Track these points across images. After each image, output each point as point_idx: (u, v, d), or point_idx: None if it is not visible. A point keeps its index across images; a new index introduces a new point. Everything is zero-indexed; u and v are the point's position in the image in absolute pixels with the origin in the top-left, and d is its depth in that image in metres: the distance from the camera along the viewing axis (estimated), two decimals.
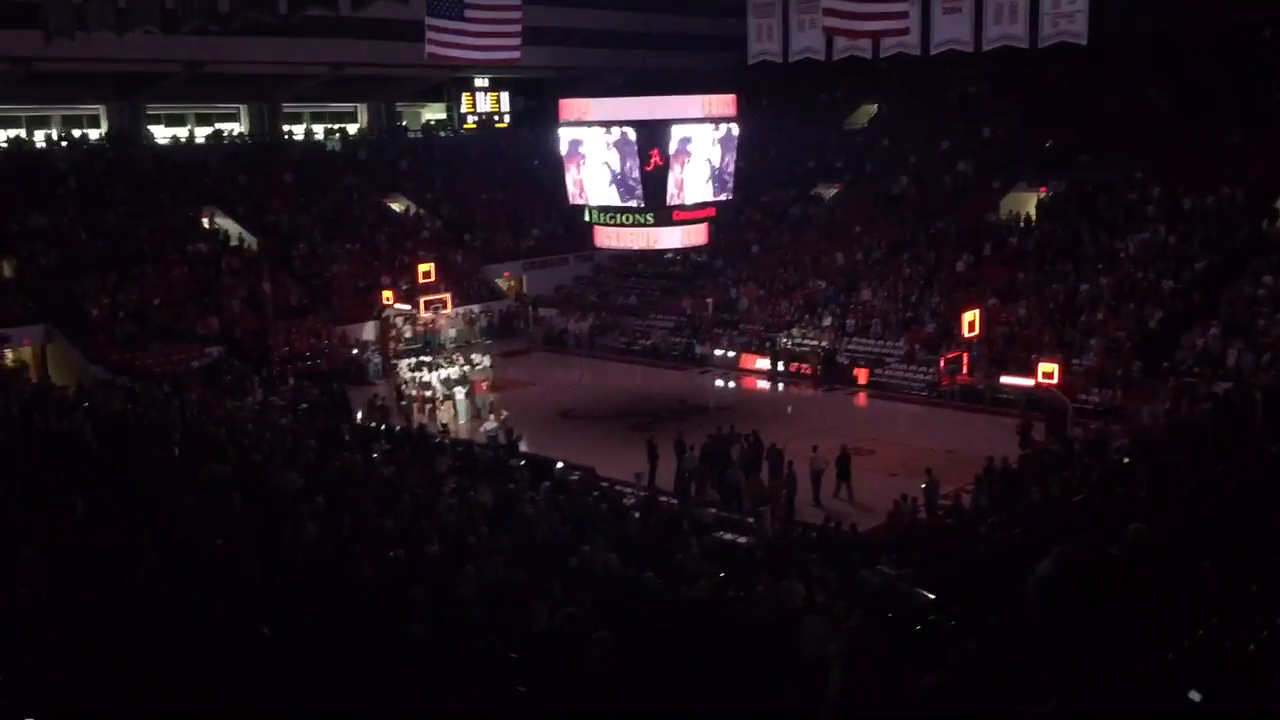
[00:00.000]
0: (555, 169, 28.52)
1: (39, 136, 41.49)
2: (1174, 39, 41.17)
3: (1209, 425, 17.16)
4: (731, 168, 26.85)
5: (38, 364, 31.02)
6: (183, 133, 45.44)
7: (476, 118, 53.34)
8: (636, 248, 28.26)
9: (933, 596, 11.04)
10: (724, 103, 26.66)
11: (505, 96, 54.17)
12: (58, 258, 34.15)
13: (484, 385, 30.38)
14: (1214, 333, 29.08)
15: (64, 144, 41.27)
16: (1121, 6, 31.81)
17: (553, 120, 28.02)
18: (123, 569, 7.90)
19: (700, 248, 32.61)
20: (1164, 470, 13.32)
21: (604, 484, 20.68)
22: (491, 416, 27.05)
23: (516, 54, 19.88)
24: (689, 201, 26.14)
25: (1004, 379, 28.97)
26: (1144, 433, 19.93)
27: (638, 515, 17.12)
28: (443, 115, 54.22)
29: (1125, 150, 38.79)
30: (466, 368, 30.77)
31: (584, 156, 26.25)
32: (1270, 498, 9.56)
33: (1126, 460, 16.44)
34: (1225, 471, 11.46)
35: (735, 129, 26.65)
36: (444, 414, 29.52)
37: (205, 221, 39.91)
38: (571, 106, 26.99)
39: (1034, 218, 38.48)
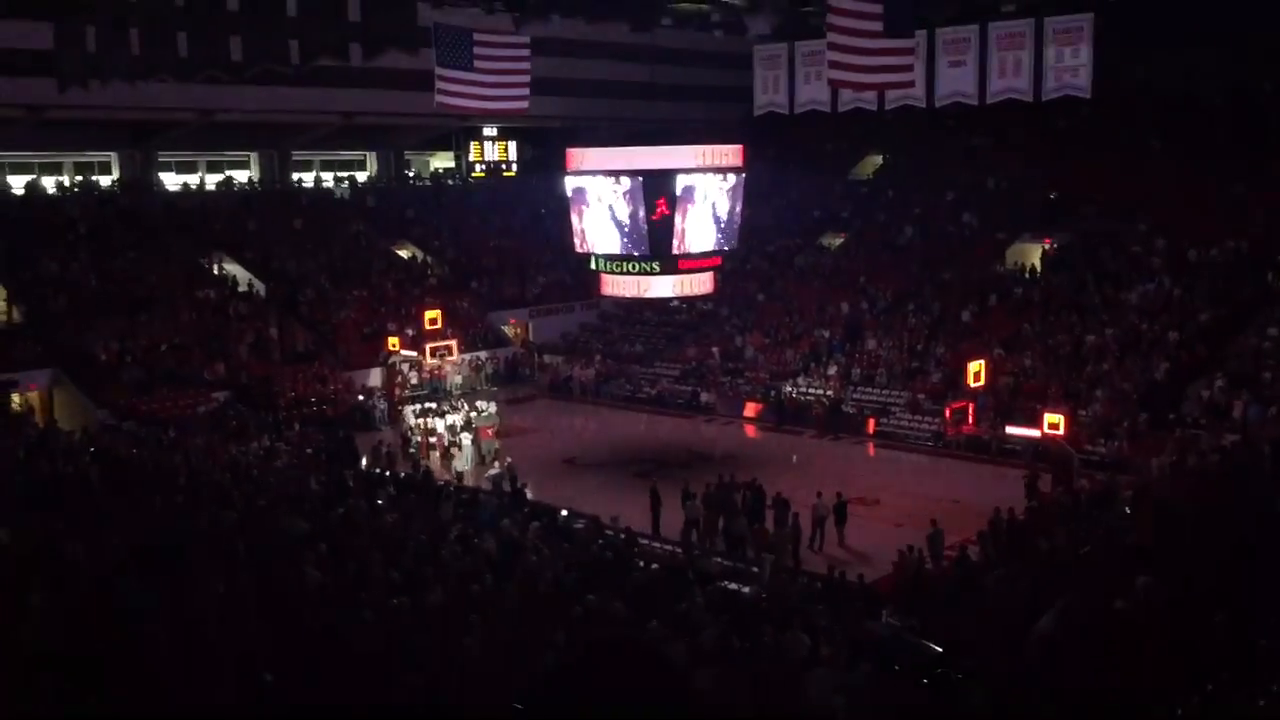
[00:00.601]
0: (562, 217, 28.70)
1: (50, 183, 41.86)
2: (1178, 91, 41.53)
3: (1216, 478, 17.11)
4: (738, 217, 27.00)
5: (44, 408, 31.06)
6: (193, 179, 45.82)
7: (484, 166, 53.79)
8: (642, 296, 28.35)
9: (940, 648, 10.96)
10: (730, 153, 26.85)
11: (513, 145, 54.65)
12: (67, 302, 34.34)
13: (489, 431, 30.36)
14: (1220, 385, 29.04)
15: (75, 190, 41.63)
16: (1125, 59, 32.16)
17: (560, 169, 28.26)
18: (128, 613, 7.88)
19: (706, 296, 32.72)
20: (1171, 523, 13.27)
21: (609, 532, 20.62)
22: (496, 463, 27.00)
23: (524, 104, 20.14)
24: (695, 250, 26.26)
25: (1009, 429, 28.91)
26: (1150, 485, 19.86)
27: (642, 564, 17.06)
28: (451, 163, 54.65)
29: (1130, 202, 39.02)
30: (472, 414, 30.75)
31: (590, 205, 26.42)
32: (1278, 551, 9.51)
33: (1133, 512, 16.37)
34: (1233, 524, 11.40)
35: (741, 179, 26.83)
36: (449, 460, 29.49)
37: (213, 267, 40.15)
38: (578, 156, 27.19)
39: (1039, 269, 38.61)
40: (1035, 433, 26.80)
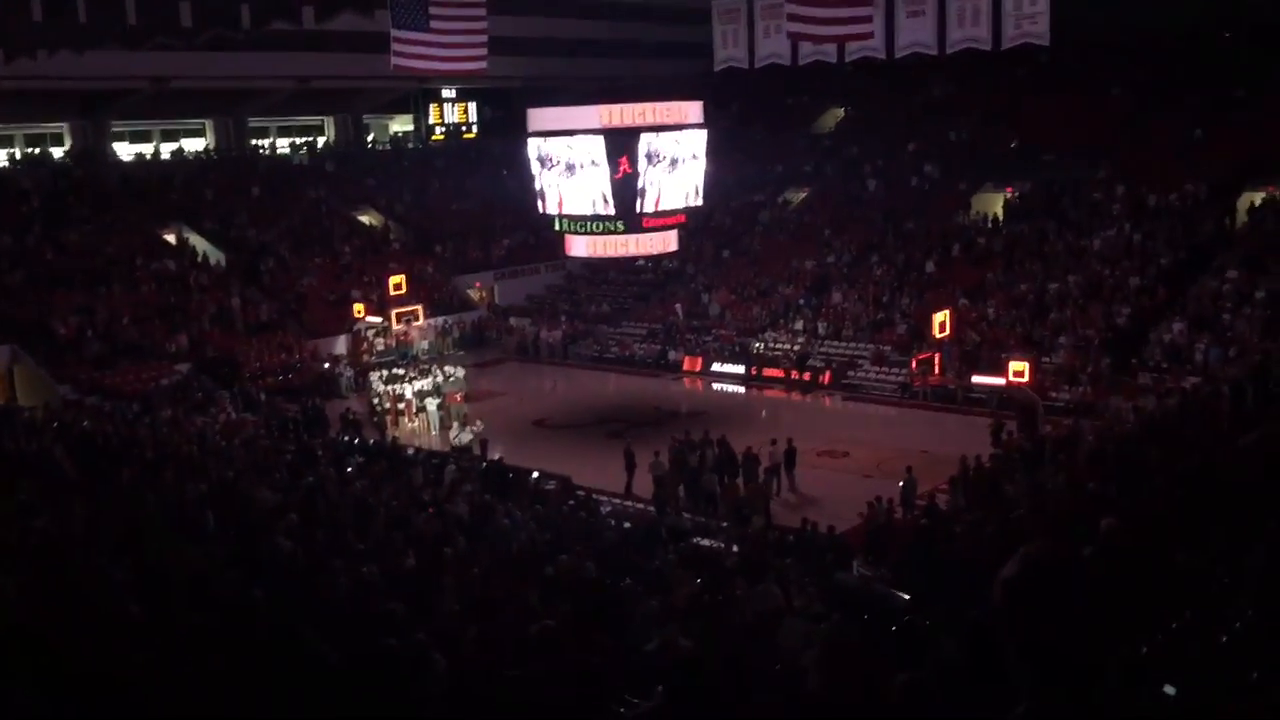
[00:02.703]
0: (524, 178, 28.52)
1: (1, 155, 41.09)
2: (1135, 38, 41.64)
3: (1177, 420, 17.35)
4: (701, 174, 26.92)
5: (4, 385, 30.64)
6: (148, 149, 45.10)
7: (444, 129, 53.24)
8: (608, 255, 28.29)
9: (908, 597, 11.10)
10: (691, 109, 26.72)
11: (473, 107, 54.08)
12: (23, 277, 33.81)
13: (458, 396, 30.29)
14: (1180, 328, 29.41)
15: (27, 162, 40.89)
16: (1083, 7, 32.14)
17: (521, 130, 28.02)
18: (96, 590, 7.84)
19: (671, 254, 32.68)
20: (1134, 465, 13.46)
21: (580, 492, 20.69)
22: (466, 427, 26.97)
23: (483, 64, 19.89)
24: (659, 208, 26.17)
25: (975, 378, 29.19)
26: (1113, 429, 20.12)
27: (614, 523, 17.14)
28: (410, 127, 54.09)
29: (1090, 149, 39.22)
30: (439, 379, 30.65)
31: (552, 165, 26.23)
32: (1239, 491, 9.67)
33: (1097, 456, 16.58)
34: (1194, 465, 11.58)
35: (704, 135, 26.73)
36: (417, 426, 29.43)
37: (172, 238, 39.63)
38: (539, 116, 26.98)
39: (1001, 218, 38.81)
40: (1001, 381, 27.07)
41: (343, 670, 6.74)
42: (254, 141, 47.91)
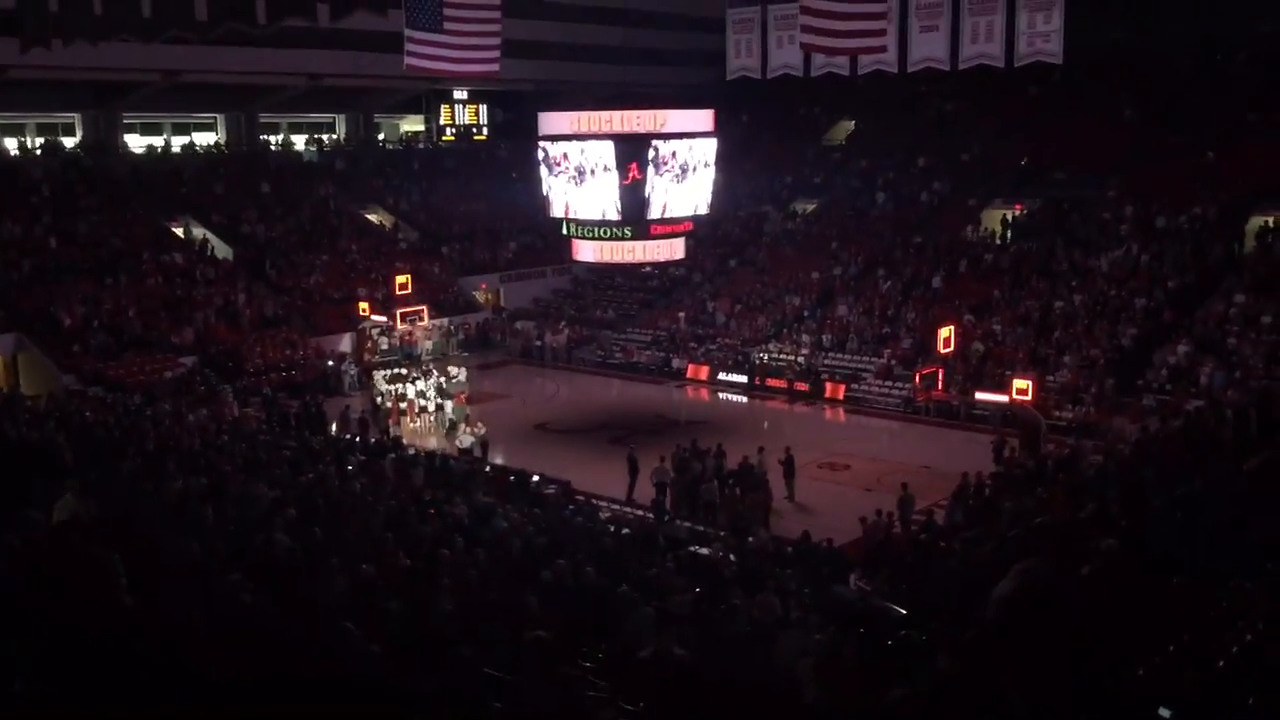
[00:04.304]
0: (534, 182, 28.54)
1: (12, 144, 41.18)
2: (1148, 59, 41.68)
3: (1180, 443, 17.28)
4: (710, 182, 26.93)
5: (8, 374, 30.69)
6: (159, 142, 45.20)
7: (455, 130, 53.33)
8: (614, 261, 28.30)
9: (905, 612, 11.07)
10: (703, 118, 26.74)
11: (484, 109, 54.18)
12: (30, 267, 33.87)
13: (461, 397, 30.29)
14: (1185, 350, 29.35)
15: (38, 152, 40.99)
16: (1096, 26, 32.21)
17: (531, 133, 28.04)
18: (94, 580, 7.83)
19: (678, 262, 32.69)
20: (1135, 487, 13.41)
21: (579, 497, 20.67)
22: (467, 429, 26.96)
23: (495, 67, 19.94)
24: (667, 216, 26.18)
25: (979, 395, 29.13)
26: (1116, 450, 20.06)
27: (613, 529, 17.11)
28: (421, 127, 54.18)
29: (1099, 168, 39.20)
30: (443, 380, 30.65)
31: (562, 169, 26.25)
32: (1239, 516, 9.64)
33: (1098, 477, 16.53)
34: (1196, 489, 11.54)
35: (714, 144, 26.75)
36: (419, 426, 29.41)
37: (180, 231, 39.71)
38: (550, 120, 27.00)
39: (1009, 235, 38.78)
40: (1004, 398, 27.01)
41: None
42: (264, 137, 48.00)
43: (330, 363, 34.88)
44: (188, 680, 6.22)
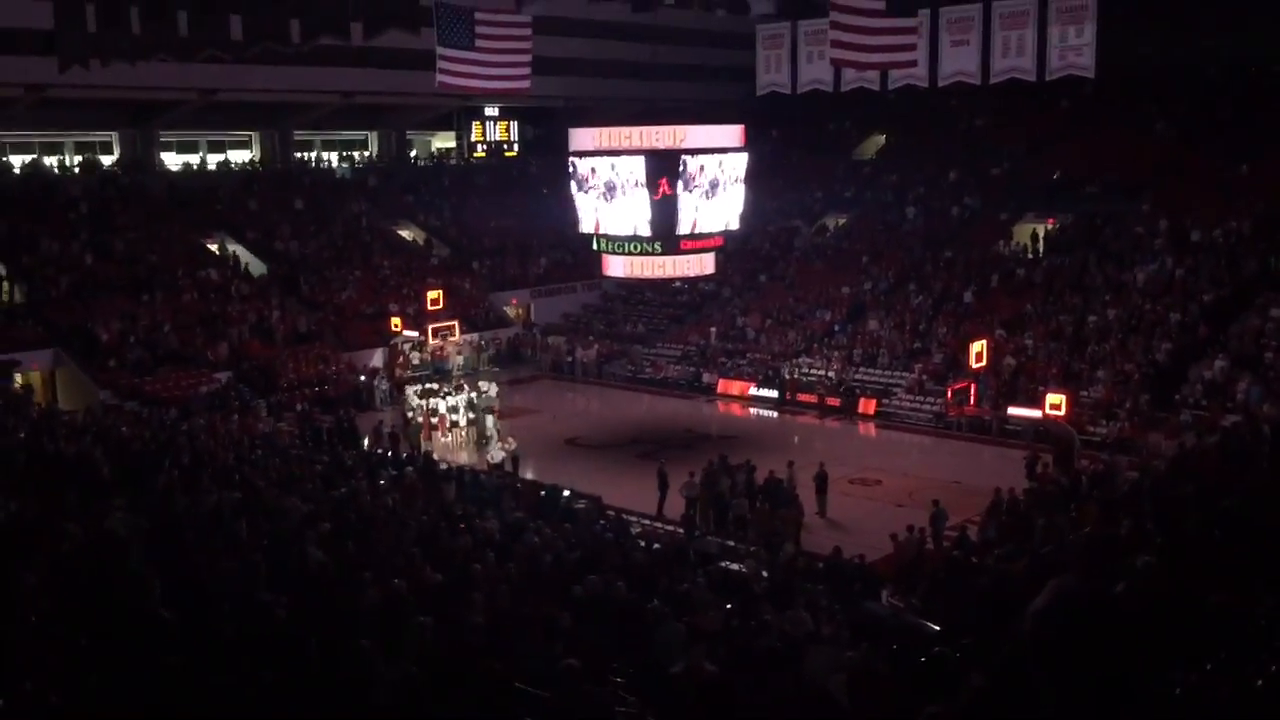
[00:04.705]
0: (564, 197, 28.68)
1: (51, 162, 41.79)
2: (1180, 71, 41.38)
3: (1216, 459, 17.09)
4: (740, 197, 26.95)
5: (46, 388, 31.09)
6: (194, 159, 45.74)
7: (486, 146, 53.64)
8: (644, 276, 28.35)
9: (938, 628, 10.99)
10: (733, 133, 26.79)
11: (515, 125, 54.49)
12: (68, 283, 34.33)
13: (492, 412, 30.37)
14: (1221, 365, 29.04)
15: (77, 170, 41.58)
16: (1128, 39, 32.02)
17: (562, 149, 28.18)
18: (130, 594, 7.91)
19: (708, 277, 32.69)
20: (1171, 503, 13.26)
21: (610, 512, 20.66)
22: (499, 443, 27.04)
23: (526, 83, 20.07)
24: (697, 231, 26.23)
25: (1011, 410, 28.92)
26: (1151, 466, 19.85)
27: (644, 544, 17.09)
28: (452, 143, 54.56)
29: (1133, 182, 38.95)
30: (473, 395, 30.76)
31: (592, 185, 26.38)
32: (1277, 532, 9.52)
33: (1133, 493, 16.37)
34: (1232, 505, 11.41)
35: (744, 159, 26.77)
36: (452, 440, 29.53)
37: (215, 248, 40.14)
38: (581, 135, 27.14)
39: (1041, 249, 38.55)
40: (1037, 413, 26.81)
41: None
42: (298, 154, 48.47)
43: (363, 378, 35.10)
44: (218, 692, 6.28)
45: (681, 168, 25.36)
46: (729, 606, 12.59)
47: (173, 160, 44.91)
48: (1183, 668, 6.67)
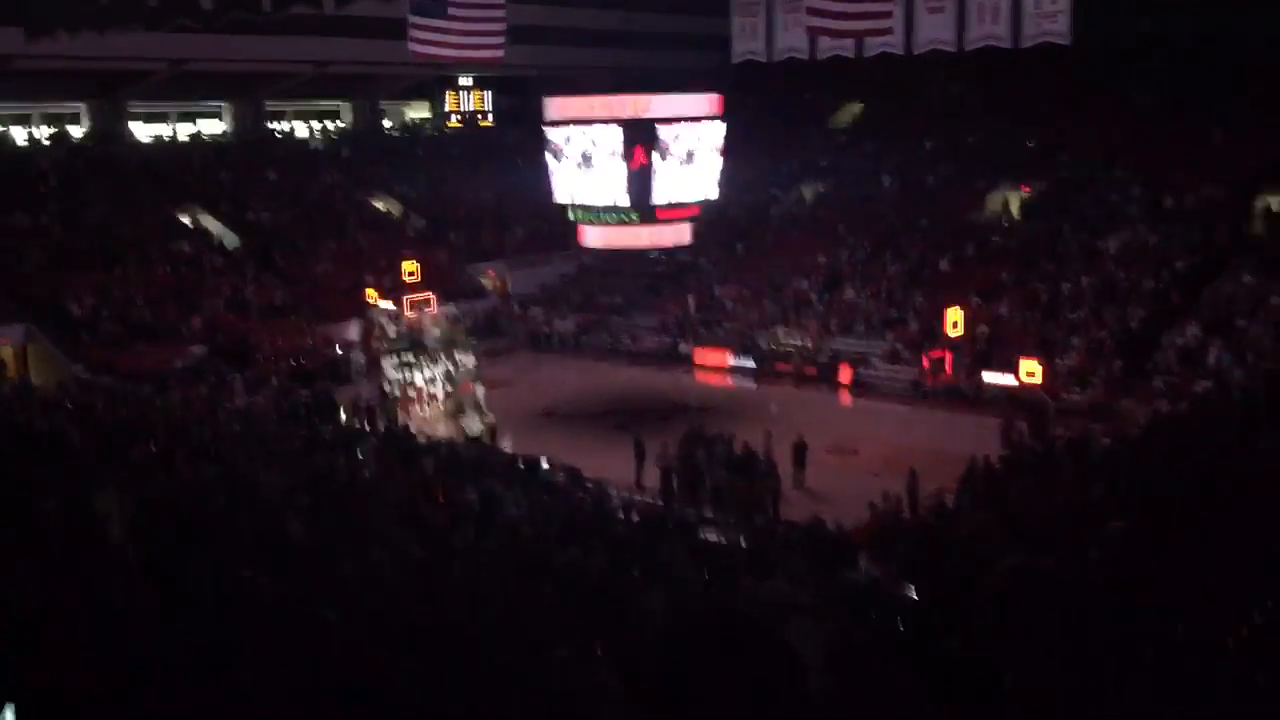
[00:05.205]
0: (540, 167, 28.52)
1: (19, 134, 41.23)
2: (1155, 39, 41.44)
3: (1189, 424, 17.30)
4: (716, 166, 26.89)
5: (18, 364, 30.80)
6: (165, 130, 45.22)
7: (460, 116, 53.25)
8: (621, 246, 28.30)
9: (916, 596, 11.10)
10: (709, 102, 26.68)
11: (489, 95, 54.08)
12: (39, 256, 33.95)
13: (469, 385, 30.27)
14: (1194, 332, 29.29)
15: (45, 142, 41.04)
16: (1103, 6, 32.02)
17: (537, 119, 28.01)
18: (106, 569, 7.89)
19: (685, 247, 32.67)
20: (1144, 469, 13.43)
21: (588, 484, 20.70)
22: (477, 416, 26.99)
23: (500, 53, 19.97)
24: (673, 200, 26.18)
25: (987, 378, 29.10)
26: (1125, 432, 20.06)
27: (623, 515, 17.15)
28: (427, 114, 54.12)
29: (1107, 149, 39.06)
30: (450, 367, 30.62)
31: (568, 154, 26.25)
32: (1249, 496, 9.66)
33: (1106, 459, 16.55)
34: (1205, 470, 11.56)
35: (720, 128, 26.68)
36: (429, 412, 29.42)
37: (187, 220, 39.76)
38: (556, 105, 26.98)
39: (1016, 217, 38.68)
40: (1012, 381, 26.99)
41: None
42: (270, 125, 48.00)
43: (339, 350, 34.91)
44: (201, 668, 6.27)
45: (657, 137, 25.26)
46: (707, 576, 12.66)
47: (143, 131, 44.37)
48: (1153, 630, 6.77)
